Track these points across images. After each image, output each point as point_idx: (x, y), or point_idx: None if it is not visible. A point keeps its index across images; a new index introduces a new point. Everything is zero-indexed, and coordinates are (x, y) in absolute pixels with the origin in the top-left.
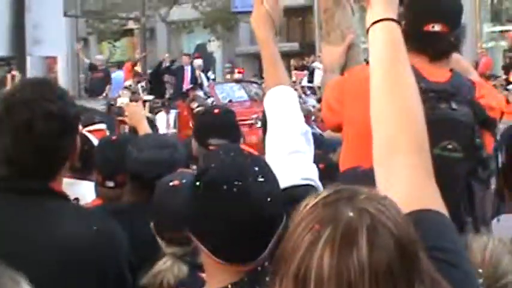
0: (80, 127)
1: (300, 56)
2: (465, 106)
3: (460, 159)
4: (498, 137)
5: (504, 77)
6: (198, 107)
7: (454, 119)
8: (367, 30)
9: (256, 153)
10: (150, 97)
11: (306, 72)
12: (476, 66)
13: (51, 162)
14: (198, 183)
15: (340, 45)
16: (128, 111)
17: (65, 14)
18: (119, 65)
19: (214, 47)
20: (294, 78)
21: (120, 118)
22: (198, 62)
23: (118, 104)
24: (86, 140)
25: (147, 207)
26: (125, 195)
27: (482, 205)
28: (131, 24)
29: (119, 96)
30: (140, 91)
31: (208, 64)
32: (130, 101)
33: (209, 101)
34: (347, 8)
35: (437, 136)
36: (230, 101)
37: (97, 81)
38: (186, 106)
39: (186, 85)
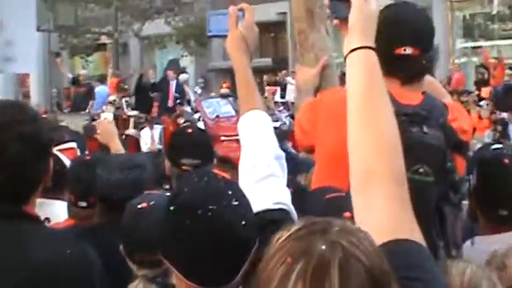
0: None
1: (272, 72)
2: (437, 130)
3: (431, 183)
4: (470, 159)
5: (476, 92)
6: (185, 122)
7: (426, 142)
8: (345, 58)
9: (228, 177)
10: (134, 112)
11: (277, 87)
12: (448, 81)
13: (25, 186)
14: (171, 207)
15: (315, 67)
16: (99, 128)
17: (38, 29)
18: (102, 80)
19: (187, 62)
20: (266, 94)
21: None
22: (184, 76)
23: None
24: (57, 159)
25: (116, 228)
26: (95, 216)
27: (454, 229)
28: (104, 39)
29: (103, 111)
30: (124, 106)
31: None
32: (115, 116)
33: (196, 116)
34: (321, 30)
35: (408, 160)
36: (217, 116)
37: (80, 96)
38: (172, 121)
39: (172, 100)
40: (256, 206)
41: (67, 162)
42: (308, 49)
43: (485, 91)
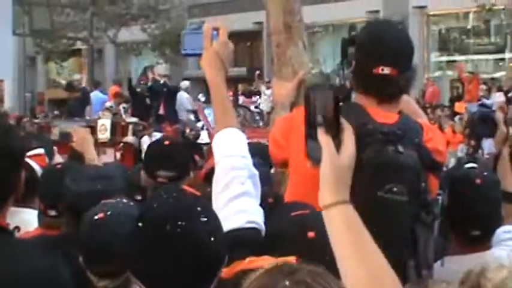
0: None
1: (247, 82)
2: (412, 149)
3: (404, 203)
4: (442, 177)
5: (448, 106)
6: (191, 131)
7: (400, 162)
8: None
9: (198, 193)
10: (134, 119)
11: (254, 98)
12: (423, 95)
13: None
14: (140, 223)
15: (292, 81)
16: (75, 136)
17: (14, 33)
18: (96, 85)
19: (161, 69)
20: (240, 102)
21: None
22: (185, 83)
23: (99, 126)
24: (28, 167)
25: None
26: (62, 226)
27: (426, 249)
28: (79, 45)
29: (99, 117)
30: (122, 112)
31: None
32: (113, 123)
33: (199, 124)
34: (299, 44)
35: (382, 179)
36: None
37: (75, 102)
38: (173, 130)
39: (163, 108)
40: (229, 225)
41: (38, 169)
42: (286, 63)
43: (460, 106)
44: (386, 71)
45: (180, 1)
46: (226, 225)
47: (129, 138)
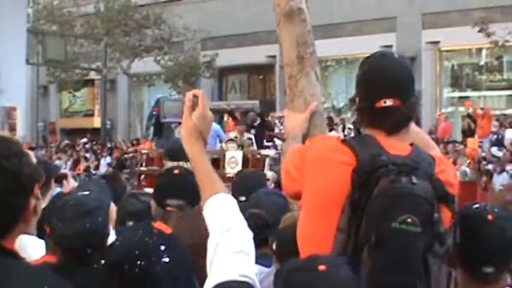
0: None
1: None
2: (425, 181)
3: (418, 234)
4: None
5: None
6: None
7: (414, 193)
8: None
9: (168, 231)
10: (271, 152)
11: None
12: (435, 131)
13: (3, 220)
14: (103, 260)
15: (304, 112)
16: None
17: (27, 62)
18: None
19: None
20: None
21: None
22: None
23: (228, 159)
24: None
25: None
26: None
27: (437, 281)
28: (92, 75)
29: (223, 149)
30: (250, 143)
31: None
32: (244, 155)
33: None
34: (311, 75)
35: (397, 210)
36: None
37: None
38: None
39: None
40: (221, 276)
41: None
42: (298, 94)
43: (472, 142)
44: (389, 102)
45: (193, 34)
46: (218, 278)
47: (269, 173)
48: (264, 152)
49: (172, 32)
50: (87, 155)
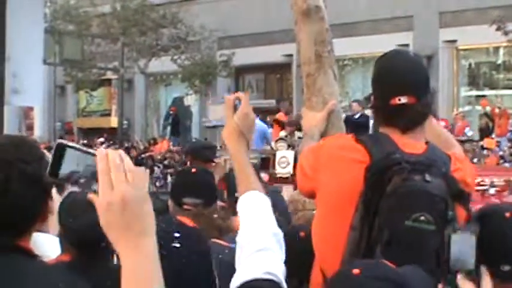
0: None
1: (277, 113)
2: (439, 179)
3: (432, 232)
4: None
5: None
6: None
7: (428, 191)
8: None
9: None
10: None
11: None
12: (452, 129)
13: (22, 222)
14: None
15: (321, 111)
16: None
17: (45, 62)
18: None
19: (191, 100)
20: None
21: None
22: None
23: (279, 158)
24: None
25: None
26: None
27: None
28: (109, 75)
29: (273, 149)
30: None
31: (185, 118)
32: (296, 156)
33: None
34: (329, 73)
35: (410, 208)
36: None
37: None
38: None
39: None
40: (246, 275)
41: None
42: (315, 93)
43: (489, 142)
44: (404, 100)
45: (210, 33)
46: (243, 276)
47: None
48: None
49: (189, 31)
50: None
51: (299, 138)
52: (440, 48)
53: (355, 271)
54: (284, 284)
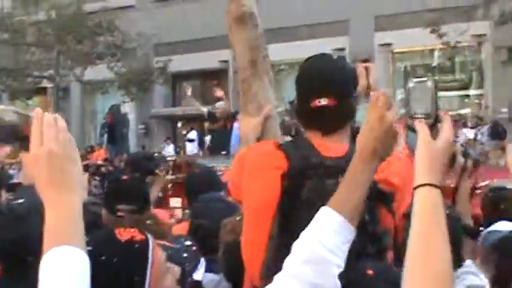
0: None
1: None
2: None
3: None
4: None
5: None
6: None
7: None
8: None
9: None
10: None
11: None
12: None
13: None
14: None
15: (257, 116)
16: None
17: None
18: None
19: (128, 108)
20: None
21: None
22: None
23: None
24: None
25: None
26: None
27: None
28: (45, 83)
29: None
30: None
31: (122, 125)
32: None
33: None
34: (264, 79)
35: None
36: None
37: (217, 134)
38: None
39: None
40: None
41: None
42: (251, 98)
43: None
44: (324, 102)
45: (146, 40)
46: None
47: None
48: None
49: (124, 38)
50: None
51: None
52: (376, 52)
53: (370, 272)
54: None
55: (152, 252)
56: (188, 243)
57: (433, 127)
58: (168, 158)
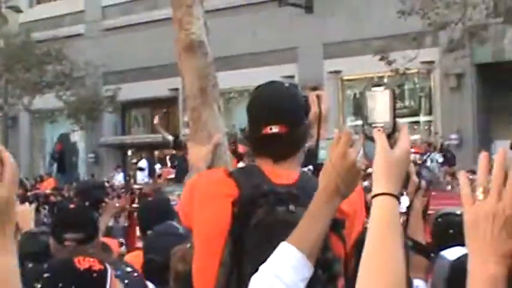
0: None
1: (164, 148)
2: (305, 208)
3: None
4: None
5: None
6: None
7: (290, 221)
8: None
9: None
10: None
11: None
12: None
13: None
14: None
15: (207, 145)
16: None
17: None
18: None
19: (77, 136)
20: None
21: None
22: None
23: None
24: None
25: None
26: None
27: None
28: None
29: None
30: None
31: (71, 154)
32: None
33: None
34: (214, 107)
35: (274, 239)
36: None
37: (182, 161)
38: None
39: None
40: None
41: None
42: (201, 127)
43: None
44: (275, 129)
45: (95, 68)
46: None
47: None
48: None
49: (73, 67)
50: None
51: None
52: (326, 79)
53: None
54: None
55: (110, 282)
56: (129, 269)
57: (391, 136)
58: (135, 187)
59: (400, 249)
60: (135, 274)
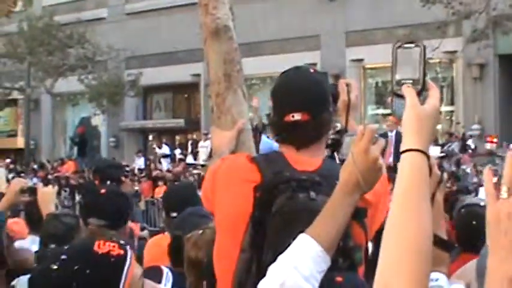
0: None
1: (185, 132)
2: (325, 196)
3: None
4: None
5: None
6: None
7: (311, 209)
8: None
9: None
10: None
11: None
12: None
13: None
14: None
15: (231, 130)
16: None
17: None
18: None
19: (99, 120)
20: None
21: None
22: None
23: None
24: None
25: None
26: None
27: None
28: (15, 95)
29: None
30: None
31: (93, 138)
32: None
33: None
34: (238, 92)
35: (294, 227)
36: None
37: None
38: None
39: None
40: None
41: None
42: (225, 112)
43: None
44: (298, 117)
45: (117, 52)
46: None
47: None
48: None
49: (96, 51)
50: (10, 176)
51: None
52: (348, 67)
53: (338, 278)
54: None
55: (128, 269)
56: None
57: (421, 93)
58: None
59: (428, 209)
60: None
